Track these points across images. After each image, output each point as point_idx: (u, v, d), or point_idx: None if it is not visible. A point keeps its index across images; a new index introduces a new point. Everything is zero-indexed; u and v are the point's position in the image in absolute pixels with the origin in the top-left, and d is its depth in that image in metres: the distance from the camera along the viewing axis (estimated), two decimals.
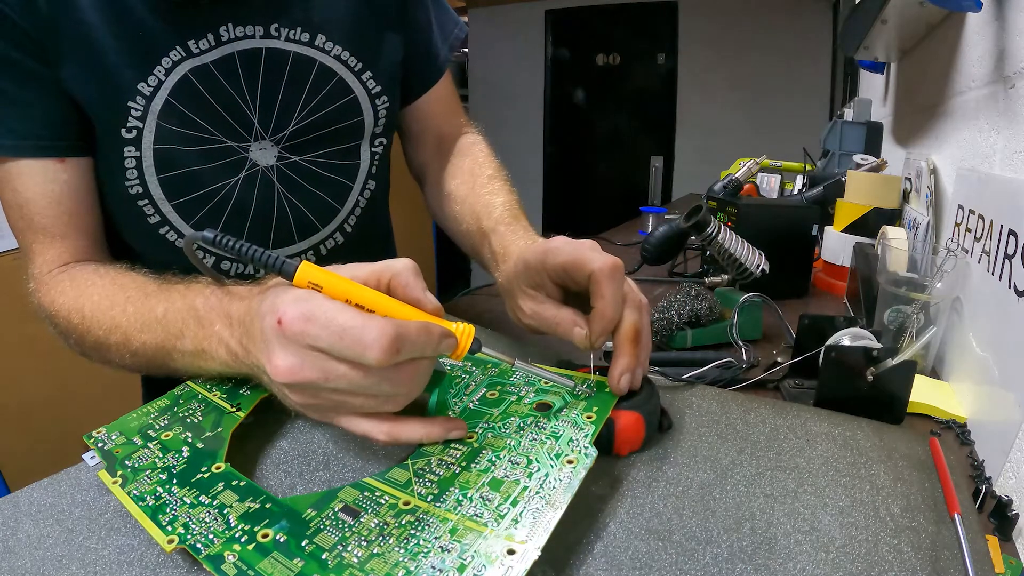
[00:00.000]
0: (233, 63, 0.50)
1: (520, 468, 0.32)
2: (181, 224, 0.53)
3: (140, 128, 0.48)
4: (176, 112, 0.49)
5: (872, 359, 0.44)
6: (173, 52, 0.48)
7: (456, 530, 0.28)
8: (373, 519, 0.29)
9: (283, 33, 0.52)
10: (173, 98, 0.48)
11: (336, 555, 0.27)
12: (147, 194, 0.50)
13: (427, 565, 0.26)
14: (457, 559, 0.26)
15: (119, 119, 0.47)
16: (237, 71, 0.50)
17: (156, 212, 0.52)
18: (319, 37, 0.53)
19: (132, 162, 0.49)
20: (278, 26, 0.51)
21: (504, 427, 0.36)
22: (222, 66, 0.49)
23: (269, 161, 0.54)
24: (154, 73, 0.47)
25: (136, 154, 0.49)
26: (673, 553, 0.30)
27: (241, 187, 0.53)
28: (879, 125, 1.22)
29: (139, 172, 0.49)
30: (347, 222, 0.61)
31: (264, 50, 0.51)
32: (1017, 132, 0.53)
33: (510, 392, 0.40)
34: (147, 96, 0.47)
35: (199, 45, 0.48)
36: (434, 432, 0.34)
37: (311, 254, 0.59)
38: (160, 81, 0.48)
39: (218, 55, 0.49)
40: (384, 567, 0.26)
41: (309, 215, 0.58)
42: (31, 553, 0.30)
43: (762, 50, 3.08)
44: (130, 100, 0.47)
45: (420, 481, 0.32)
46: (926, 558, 0.30)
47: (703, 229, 0.61)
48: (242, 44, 0.50)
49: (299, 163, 0.55)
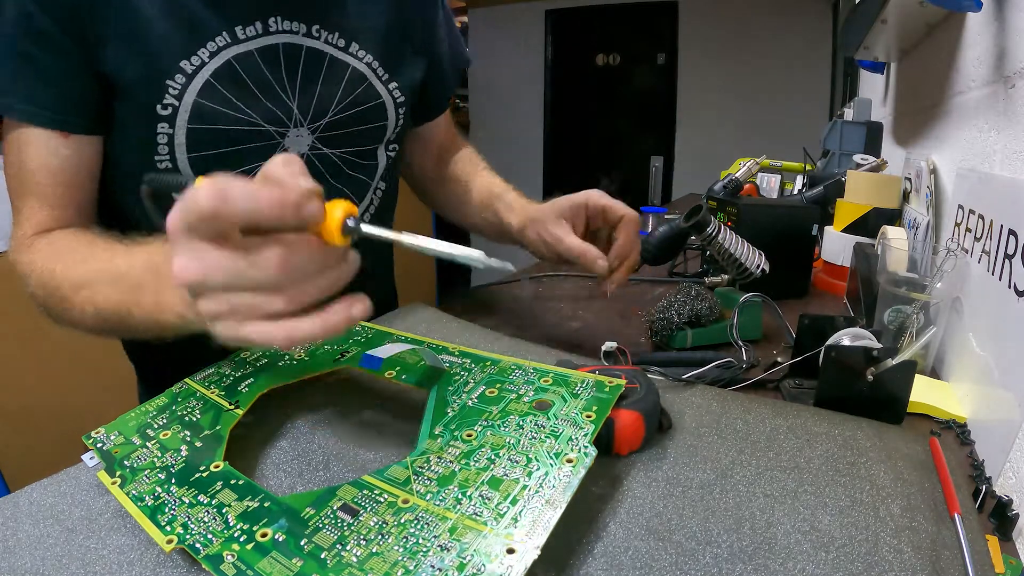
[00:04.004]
0: (276, 53, 0.53)
1: (520, 467, 0.32)
2: None
3: (176, 106, 0.50)
4: (216, 94, 0.51)
5: (872, 359, 0.44)
6: (220, 37, 0.50)
7: (455, 529, 0.28)
8: (372, 518, 0.29)
9: (323, 35, 0.55)
10: (214, 80, 0.50)
11: (335, 554, 0.27)
12: (175, 171, 0.52)
13: (426, 564, 0.26)
14: (456, 558, 0.26)
15: (157, 96, 0.49)
16: (279, 61, 0.53)
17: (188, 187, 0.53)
18: (353, 44, 0.57)
19: (164, 138, 0.50)
20: (319, 28, 0.55)
21: (503, 425, 0.36)
22: (265, 54, 0.52)
23: (302, 149, 0.56)
24: (198, 54, 0.49)
25: (169, 131, 0.50)
26: (673, 553, 0.30)
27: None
28: (879, 125, 1.22)
29: (170, 149, 0.51)
30: (366, 215, 0.64)
31: (304, 47, 0.55)
32: (1017, 132, 0.53)
33: (509, 390, 0.40)
34: (188, 75, 0.49)
35: (246, 32, 0.51)
36: (331, 319, 0.30)
37: None
38: (203, 62, 0.50)
39: (262, 44, 0.52)
40: (383, 566, 0.26)
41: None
42: (31, 553, 0.29)
43: (762, 50, 3.08)
44: (169, 79, 0.49)
45: (419, 479, 0.32)
46: (926, 558, 0.30)
47: (703, 229, 0.61)
48: (286, 38, 0.53)
49: (328, 155, 0.58)
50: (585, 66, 3.68)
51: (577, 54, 3.69)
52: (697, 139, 3.35)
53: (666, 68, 3.41)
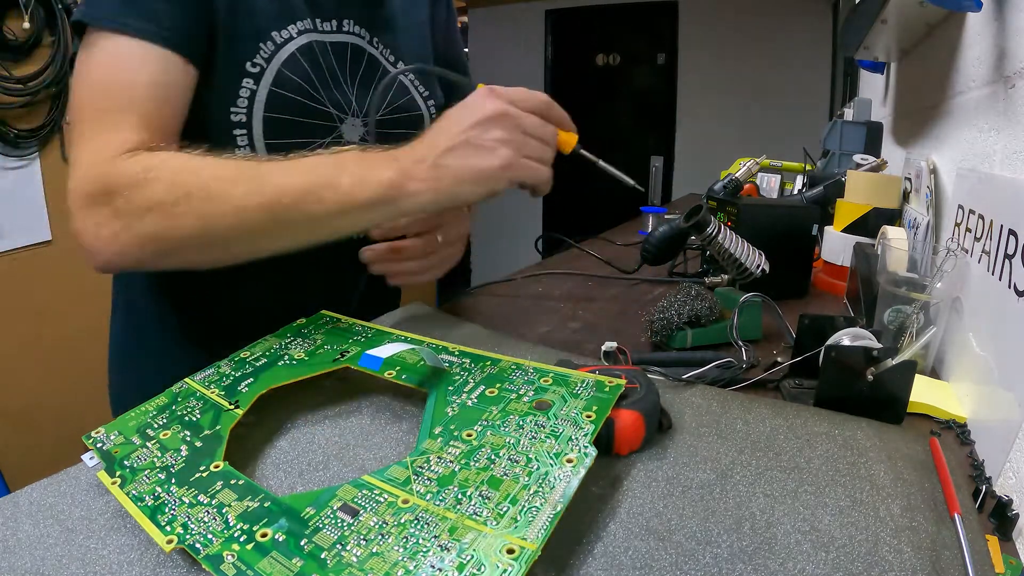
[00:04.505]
0: (345, 50, 0.61)
1: (520, 467, 0.32)
2: None
3: (264, 68, 0.55)
4: (297, 67, 0.57)
5: (872, 359, 0.44)
6: (304, 22, 0.57)
7: (455, 529, 0.28)
8: (372, 518, 0.29)
9: (379, 48, 0.64)
10: (298, 54, 0.57)
11: (335, 554, 0.27)
12: (248, 125, 0.56)
13: (426, 564, 0.26)
14: (456, 558, 0.26)
15: (248, 54, 0.54)
16: (346, 57, 0.61)
17: (249, 145, 0.57)
18: (400, 63, 0.66)
19: (246, 92, 0.55)
20: (378, 41, 0.64)
21: (503, 425, 0.36)
22: (337, 48, 0.60)
23: (353, 138, 0.62)
24: (288, 28, 0.56)
25: (253, 87, 0.55)
26: (673, 553, 0.30)
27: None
28: (879, 125, 1.22)
29: (249, 104, 0.55)
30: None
31: (367, 52, 0.63)
32: (1017, 132, 0.53)
33: (509, 390, 0.40)
34: (277, 44, 0.56)
35: (324, 25, 0.59)
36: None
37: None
38: (291, 36, 0.56)
39: (336, 39, 0.60)
40: (383, 566, 0.26)
41: None
42: (31, 553, 0.29)
43: (762, 50, 3.08)
44: (262, 42, 0.55)
45: (419, 479, 0.32)
46: (926, 558, 0.30)
47: (703, 229, 0.61)
48: (354, 39, 0.62)
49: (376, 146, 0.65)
50: (585, 66, 3.68)
51: (577, 54, 3.69)
52: (697, 139, 3.35)
53: (666, 68, 3.41)
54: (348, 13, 0.61)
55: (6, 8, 1.42)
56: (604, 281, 0.85)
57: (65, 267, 1.60)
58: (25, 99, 1.46)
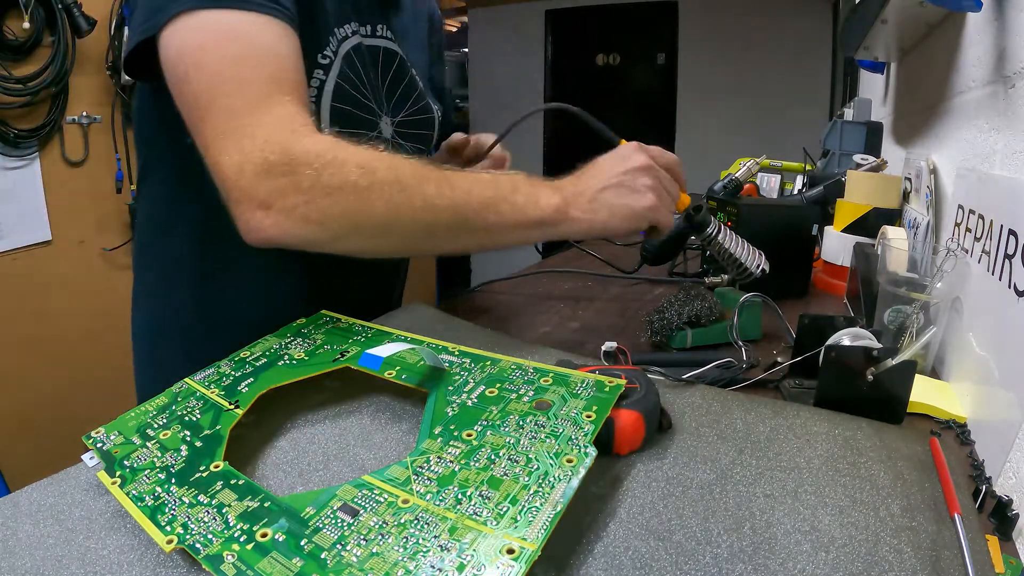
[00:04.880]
0: (380, 54, 0.66)
1: (520, 466, 0.32)
2: None
3: (332, 60, 0.59)
4: (353, 64, 0.61)
5: (872, 359, 0.44)
6: (353, 24, 0.62)
7: (455, 529, 0.28)
8: (372, 518, 0.29)
9: (406, 55, 0.70)
10: (352, 53, 0.61)
11: (335, 554, 0.27)
12: (318, 112, 0.58)
13: (426, 564, 0.26)
14: (456, 558, 0.26)
15: (319, 46, 0.57)
16: (379, 60, 0.66)
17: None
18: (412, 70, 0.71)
19: (316, 82, 0.58)
20: (401, 46, 0.69)
21: (503, 425, 0.36)
22: (374, 51, 0.65)
23: (388, 134, 0.67)
24: (344, 28, 0.60)
25: (323, 77, 0.58)
26: (673, 553, 0.30)
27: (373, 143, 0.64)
28: (879, 125, 1.22)
29: (319, 94, 0.58)
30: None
31: (398, 55, 0.68)
32: (1017, 132, 0.53)
33: (509, 390, 0.40)
34: (340, 39, 0.59)
35: (366, 29, 0.64)
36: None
37: None
38: (347, 35, 0.61)
39: (374, 43, 0.65)
40: (384, 566, 0.26)
41: None
42: (31, 553, 0.29)
43: (762, 50, 3.07)
44: (330, 35, 0.58)
45: (419, 479, 0.32)
46: (926, 558, 0.30)
47: (703, 229, 0.61)
48: (389, 44, 0.67)
49: (403, 145, 0.69)
50: (585, 66, 3.68)
51: (577, 54, 3.69)
52: (697, 139, 3.35)
53: (666, 68, 3.40)
54: (382, 20, 0.66)
55: (6, 8, 1.42)
56: (604, 281, 0.85)
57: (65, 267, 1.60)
58: (25, 99, 1.45)
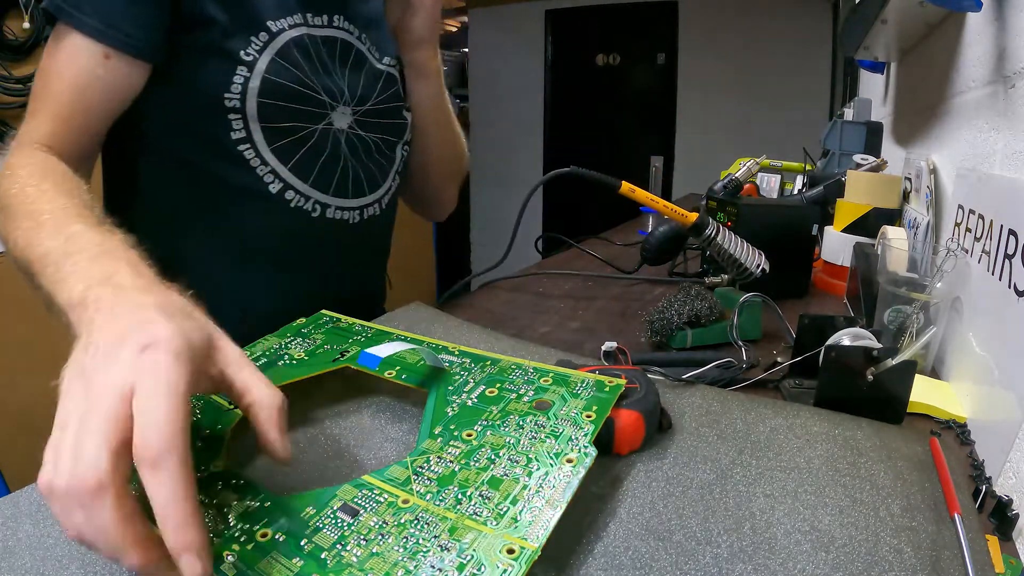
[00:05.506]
0: (335, 44, 0.64)
1: (520, 467, 0.32)
2: (263, 145, 0.60)
3: (258, 57, 0.57)
4: (290, 56, 0.59)
5: (872, 359, 0.44)
6: (297, 15, 0.60)
7: (455, 529, 0.28)
8: (372, 518, 0.29)
9: (367, 44, 0.68)
10: (291, 45, 0.59)
11: (335, 554, 0.27)
12: (242, 110, 0.57)
13: (426, 564, 0.26)
14: (456, 558, 0.26)
15: (243, 44, 0.56)
16: (336, 51, 0.64)
17: (244, 128, 0.58)
18: (386, 58, 0.70)
19: (240, 80, 0.56)
20: (365, 37, 0.67)
21: (503, 425, 0.36)
22: (327, 43, 0.63)
23: (343, 125, 0.65)
24: (281, 20, 0.59)
25: (246, 75, 0.57)
26: (673, 553, 0.30)
27: (319, 135, 0.63)
28: (879, 125, 1.22)
29: (243, 89, 0.57)
30: (384, 198, 0.72)
31: (355, 47, 0.66)
32: (1017, 132, 0.53)
33: (509, 390, 0.40)
34: (273, 34, 0.58)
35: (315, 20, 0.62)
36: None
37: (357, 213, 0.68)
38: (284, 28, 0.59)
39: (326, 33, 0.63)
40: (383, 566, 0.26)
41: (363, 179, 0.68)
42: (31, 553, 0.29)
43: (762, 50, 3.07)
44: (255, 34, 0.57)
45: (419, 479, 0.32)
46: (926, 558, 0.30)
47: (701, 231, 0.61)
48: (343, 35, 0.65)
49: (362, 135, 0.67)
50: (585, 66, 3.68)
51: (577, 54, 3.69)
52: (697, 139, 3.35)
53: (666, 68, 3.40)
54: (338, 10, 0.64)
55: (6, 8, 1.42)
56: (604, 281, 0.85)
57: None
58: (25, 99, 1.46)
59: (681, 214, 0.61)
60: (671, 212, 0.60)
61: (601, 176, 0.62)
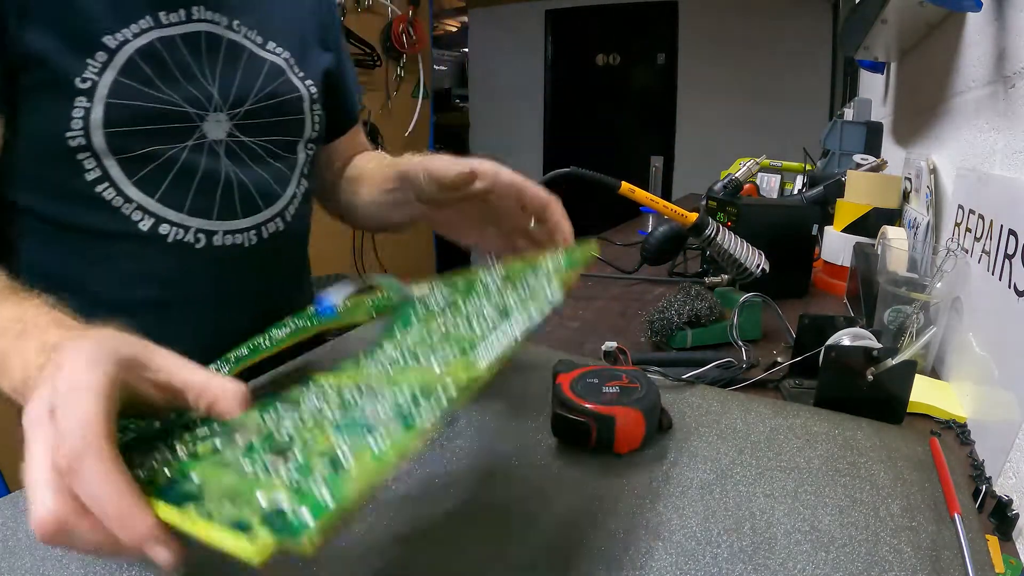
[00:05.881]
0: (198, 41, 0.54)
1: (485, 323, 0.30)
2: (123, 180, 0.52)
3: (96, 82, 0.49)
4: (138, 72, 0.50)
5: (872, 359, 0.44)
6: (144, 20, 0.51)
7: (398, 380, 0.26)
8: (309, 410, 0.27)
9: (242, 31, 0.57)
10: (137, 58, 0.50)
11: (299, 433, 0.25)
12: (90, 147, 0.50)
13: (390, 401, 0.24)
14: (406, 390, 0.25)
15: (76, 69, 0.48)
16: (200, 48, 0.54)
17: (98, 166, 0.51)
18: (271, 43, 0.59)
19: (80, 112, 0.48)
20: (239, 23, 0.57)
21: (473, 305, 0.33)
22: (187, 41, 0.53)
23: (219, 135, 0.56)
24: (121, 32, 0.49)
25: (87, 105, 0.49)
26: (673, 553, 0.30)
27: (188, 153, 0.55)
28: (879, 125, 1.22)
29: (85, 124, 0.49)
30: (287, 211, 0.63)
31: (225, 38, 0.56)
32: (1017, 132, 0.53)
33: (478, 293, 0.35)
34: (111, 51, 0.49)
35: (169, 18, 0.52)
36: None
37: (253, 233, 0.59)
38: (127, 39, 0.50)
39: (185, 30, 0.53)
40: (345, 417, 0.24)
41: (254, 193, 0.59)
42: (31, 553, 0.30)
43: (762, 50, 3.08)
44: (89, 57, 0.48)
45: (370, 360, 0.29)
46: (926, 558, 0.30)
47: (701, 232, 0.61)
48: (208, 27, 0.54)
49: (246, 142, 0.58)
50: (585, 66, 3.68)
51: (577, 54, 3.69)
52: (697, 139, 3.35)
53: (666, 68, 3.41)
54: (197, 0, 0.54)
55: None
56: (604, 281, 0.85)
57: None
58: None
59: (681, 214, 0.60)
60: (671, 212, 0.60)
61: (601, 176, 0.61)
